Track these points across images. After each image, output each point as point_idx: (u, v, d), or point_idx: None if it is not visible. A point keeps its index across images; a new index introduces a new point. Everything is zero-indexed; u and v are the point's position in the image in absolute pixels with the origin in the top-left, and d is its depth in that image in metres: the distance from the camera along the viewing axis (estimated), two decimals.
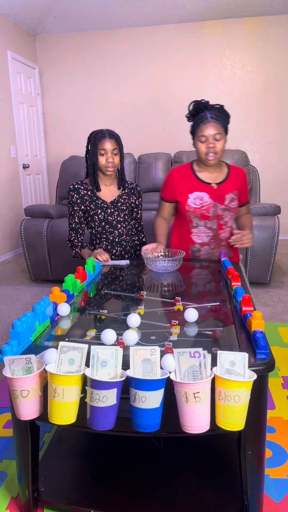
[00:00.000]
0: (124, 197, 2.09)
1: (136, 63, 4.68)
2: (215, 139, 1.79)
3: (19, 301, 3.03)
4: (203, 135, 1.81)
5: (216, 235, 1.93)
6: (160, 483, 1.19)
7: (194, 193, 1.91)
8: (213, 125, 1.79)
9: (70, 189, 2.06)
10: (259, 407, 0.96)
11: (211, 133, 1.79)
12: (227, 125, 1.84)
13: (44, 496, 1.15)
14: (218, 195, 1.89)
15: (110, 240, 2.06)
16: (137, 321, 1.14)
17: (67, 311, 1.23)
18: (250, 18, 4.36)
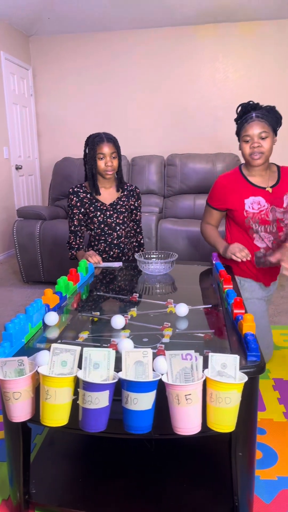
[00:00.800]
0: (123, 199, 2.10)
1: (129, 65, 4.69)
2: (260, 137, 1.71)
3: (11, 302, 3.02)
4: (247, 135, 1.72)
5: (277, 237, 1.86)
6: (151, 484, 1.19)
7: (249, 198, 1.83)
8: (257, 123, 1.70)
9: (69, 192, 2.07)
10: (250, 409, 0.97)
11: (256, 132, 1.70)
12: (277, 125, 1.76)
13: (36, 498, 1.15)
14: (275, 198, 1.81)
15: (109, 242, 2.08)
16: (122, 323, 1.15)
17: (55, 320, 1.19)
18: (243, 22, 4.39)
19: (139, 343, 1.06)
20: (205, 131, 4.62)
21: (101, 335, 1.13)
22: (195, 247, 3.14)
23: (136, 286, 1.64)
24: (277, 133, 1.80)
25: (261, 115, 1.70)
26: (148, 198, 3.85)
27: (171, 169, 3.85)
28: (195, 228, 3.16)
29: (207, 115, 4.62)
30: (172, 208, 3.76)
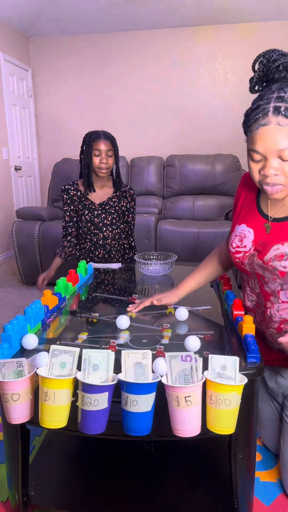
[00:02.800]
0: (115, 200, 2.08)
1: (128, 67, 4.69)
2: (280, 157, 0.97)
3: (10, 303, 3.02)
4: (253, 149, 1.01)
5: (262, 305, 1.22)
6: (151, 486, 1.19)
7: (241, 226, 1.23)
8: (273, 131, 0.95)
9: (61, 190, 2.08)
10: (250, 410, 0.97)
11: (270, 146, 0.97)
12: None
13: (34, 500, 1.15)
14: (265, 240, 1.15)
15: (94, 242, 2.07)
16: (127, 323, 1.15)
17: (34, 343, 1.04)
18: (242, 24, 4.39)
19: (139, 345, 1.06)
20: (205, 132, 4.62)
21: (100, 336, 1.12)
22: (194, 248, 3.14)
23: (135, 287, 1.64)
24: None
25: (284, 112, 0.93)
26: (147, 199, 3.85)
27: (170, 170, 3.85)
28: (194, 229, 3.16)
29: (207, 116, 4.62)
30: (171, 209, 3.76)
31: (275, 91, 0.96)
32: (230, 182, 3.71)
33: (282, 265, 1.10)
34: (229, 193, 3.73)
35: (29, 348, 1.03)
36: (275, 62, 0.99)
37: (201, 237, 3.12)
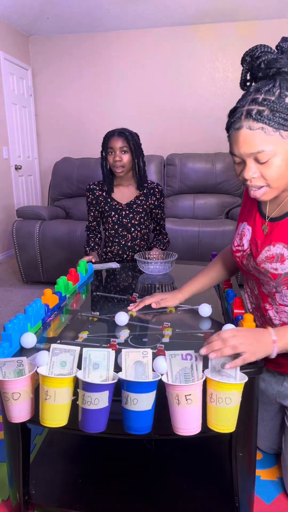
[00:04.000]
0: (142, 198, 2.01)
1: (128, 65, 4.69)
2: (257, 160, 0.95)
3: (10, 302, 3.02)
4: (233, 153, 0.99)
5: (260, 308, 1.20)
6: (151, 485, 1.19)
7: (243, 224, 1.22)
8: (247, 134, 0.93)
9: (86, 189, 2.02)
10: (250, 409, 0.97)
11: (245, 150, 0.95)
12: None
13: (35, 499, 1.15)
14: (259, 241, 1.14)
15: (122, 245, 2.01)
16: (125, 319, 1.15)
17: (33, 342, 1.04)
18: (242, 22, 4.38)
19: (139, 343, 1.06)
20: (205, 131, 4.62)
21: (100, 335, 1.12)
22: (194, 247, 3.14)
23: (136, 286, 1.64)
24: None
25: (254, 116, 0.90)
26: None
27: (170, 169, 3.84)
28: (194, 228, 3.16)
29: (207, 114, 4.62)
30: (172, 208, 3.76)
31: (252, 92, 0.94)
32: (230, 181, 3.70)
33: (273, 267, 1.07)
34: (229, 191, 3.72)
35: (28, 346, 1.03)
36: (258, 59, 0.96)
37: (202, 236, 3.12)
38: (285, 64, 0.92)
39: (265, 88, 0.91)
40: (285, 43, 0.96)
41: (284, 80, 0.91)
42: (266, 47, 0.95)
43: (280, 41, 0.97)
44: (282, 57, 0.94)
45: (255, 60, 0.96)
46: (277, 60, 0.93)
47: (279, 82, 0.91)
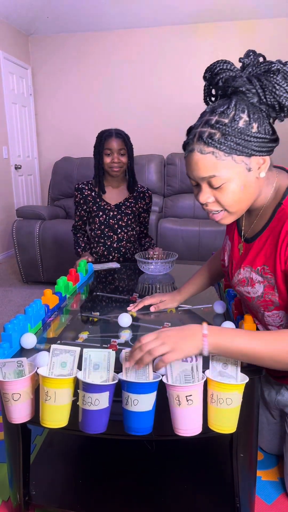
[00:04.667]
0: (131, 201, 2.01)
1: (128, 64, 4.68)
2: (208, 183, 0.91)
3: (10, 303, 3.01)
4: (188, 175, 0.96)
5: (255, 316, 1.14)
6: (152, 486, 1.19)
7: (226, 236, 1.20)
8: (196, 155, 0.89)
9: (75, 188, 2.02)
10: (251, 409, 0.97)
11: (195, 173, 0.92)
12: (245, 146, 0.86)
13: (36, 500, 1.14)
14: (236, 261, 1.10)
15: (108, 245, 2.01)
16: (129, 321, 1.15)
17: (33, 342, 1.04)
18: (242, 21, 4.38)
19: None
20: None
21: (101, 336, 1.12)
22: (195, 247, 3.14)
23: (136, 286, 1.63)
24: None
25: (205, 139, 0.86)
26: None
27: (171, 169, 3.84)
28: (195, 227, 3.16)
29: None
30: (172, 208, 3.76)
31: (207, 113, 0.90)
32: None
33: (246, 291, 1.06)
34: None
35: (28, 347, 1.03)
36: (217, 75, 0.90)
37: (202, 235, 3.12)
38: (243, 83, 0.86)
39: (220, 109, 0.87)
40: (247, 59, 0.89)
41: (240, 100, 0.86)
42: (227, 63, 0.89)
43: (244, 55, 0.90)
44: (241, 75, 0.88)
45: (214, 77, 0.91)
46: (235, 78, 0.87)
47: (235, 103, 0.85)
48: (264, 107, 0.86)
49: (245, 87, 0.85)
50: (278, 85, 0.84)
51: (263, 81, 0.84)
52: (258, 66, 0.87)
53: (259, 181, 0.92)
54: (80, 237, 2.09)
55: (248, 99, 0.86)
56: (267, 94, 0.85)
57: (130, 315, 1.17)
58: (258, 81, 0.85)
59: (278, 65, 0.84)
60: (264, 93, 0.85)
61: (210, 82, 0.93)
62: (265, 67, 0.86)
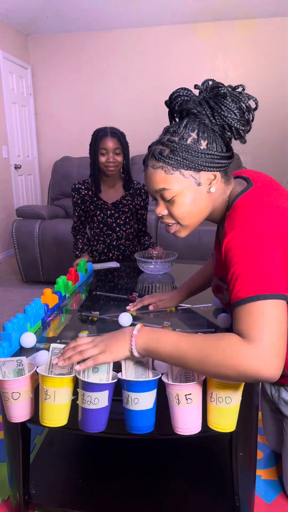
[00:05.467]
0: (128, 198, 2.02)
1: (128, 64, 4.68)
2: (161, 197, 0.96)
3: (10, 302, 3.02)
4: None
5: None
6: (152, 484, 1.19)
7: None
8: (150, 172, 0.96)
9: (72, 189, 2.02)
10: (251, 408, 0.97)
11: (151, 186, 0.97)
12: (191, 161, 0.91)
13: (35, 499, 1.15)
14: (214, 269, 1.15)
15: (107, 243, 2.02)
16: (129, 320, 1.15)
17: (32, 342, 1.04)
18: (242, 20, 4.38)
19: None
20: None
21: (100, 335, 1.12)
22: (195, 246, 3.13)
23: (136, 286, 1.64)
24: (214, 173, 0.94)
25: (156, 155, 0.94)
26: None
27: None
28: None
29: None
30: None
31: (162, 133, 0.97)
32: None
33: (219, 297, 1.12)
34: None
35: (27, 346, 1.03)
36: (174, 100, 0.96)
37: (202, 235, 3.12)
38: (194, 106, 0.91)
39: (172, 129, 0.93)
40: (203, 85, 0.95)
41: (192, 121, 0.92)
42: (184, 90, 0.96)
43: (201, 83, 0.96)
44: (194, 99, 0.94)
45: (172, 102, 0.97)
46: (188, 101, 0.93)
47: (186, 123, 0.91)
48: (217, 127, 0.91)
49: (196, 109, 0.91)
50: (225, 107, 0.89)
51: (211, 103, 0.90)
52: (211, 91, 0.93)
53: (211, 195, 0.95)
54: (80, 239, 2.10)
55: (200, 120, 0.92)
56: (215, 115, 0.90)
57: (130, 315, 1.17)
58: (207, 104, 0.91)
59: (226, 89, 0.91)
60: (213, 115, 0.91)
61: (169, 107, 0.99)
62: (215, 91, 0.92)
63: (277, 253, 0.80)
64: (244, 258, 0.80)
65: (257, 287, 0.77)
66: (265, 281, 0.77)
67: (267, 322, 0.74)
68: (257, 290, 0.76)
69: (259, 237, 0.81)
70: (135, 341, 0.81)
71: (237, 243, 0.82)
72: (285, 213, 0.86)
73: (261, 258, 0.79)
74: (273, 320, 0.74)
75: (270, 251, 0.80)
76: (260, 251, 0.79)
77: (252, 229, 0.82)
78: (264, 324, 0.74)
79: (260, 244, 0.80)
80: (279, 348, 0.73)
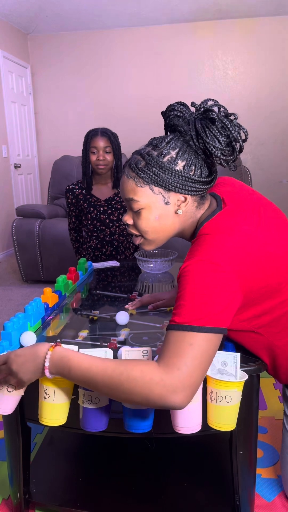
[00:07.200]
0: (120, 195, 2.05)
1: (127, 63, 4.67)
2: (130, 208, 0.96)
3: (10, 301, 3.02)
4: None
5: None
6: (152, 483, 1.19)
7: None
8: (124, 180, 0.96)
9: (66, 190, 2.07)
10: (251, 407, 0.97)
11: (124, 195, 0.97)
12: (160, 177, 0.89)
13: (36, 498, 1.15)
14: None
15: (101, 239, 2.05)
16: (126, 318, 1.15)
17: (32, 341, 1.04)
18: (242, 19, 4.37)
19: (139, 342, 1.06)
20: None
21: (101, 334, 1.12)
22: None
23: (136, 285, 1.64)
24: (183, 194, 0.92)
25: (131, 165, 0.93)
26: None
27: None
28: None
29: None
30: None
31: (147, 143, 0.95)
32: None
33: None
34: None
35: (27, 345, 1.03)
36: (169, 113, 0.93)
37: None
38: (182, 124, 0.89)
39: (155, 143, 0.92)
40: (200, 105, 0.91)
41: (177, 138, 0.90)
42: (181, 105, 0.92)
43: (201, 102, 0.92)
44: (186, 117, 0.91)
45: (167, 114, 0.95)
46: (178, 118, 0.91)
47: (170, 139, 0.90)
48: (200, 151, 0.89)
49: (183, 127, 0.89)
50: (209, 133, 0.86)
51: (198, 126, 0.87)
52: (204, 113, 0.89)
53: (179, 216, 0.93)
54: (79, 247, 2.14)
55: (184, 140, 0.89)
56: (199, 138, 0.87)
57: (127, 313, 1.17)
58: (194, 125, 0.88)
59: (217, 115, 0.86)
60: (197, 137, 0.88)
61: (164, 119, 0.96)
62: (205, 113, 0.88)
63: (230, 286, 0.79)
64: (192, 285, 0.78)
65: (194, 317, 0.76)
66: (206, 313, 0.76)
67: (192, 354, 0.73)
68: (193, 320, 0.75)
69: (213, 269, 0.79)
70: (48, 371, 0.80)
71: (190, 269, 0.81)
72: (250, 238, 0.84)
73: (208, 288, 0.77)
74: (199, 353, 0.74)
75: (221, 283, 0.78)
76: (209, 282, 0.78)
77: (208, 260, 0.80)
78: (188, 355, 0.73)
79: (211, 275, 0.78)
80: (194, 381, 0.73)
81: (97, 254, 2.06)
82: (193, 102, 0.93)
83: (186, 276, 0.80)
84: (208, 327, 0.75)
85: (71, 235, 2.14)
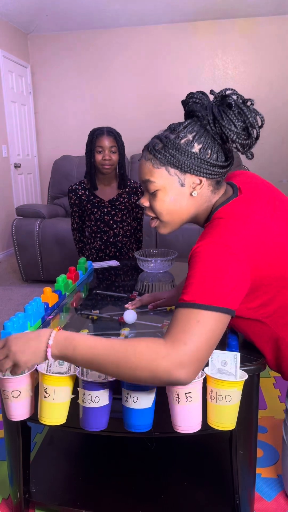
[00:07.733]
0: (124, 196, 2.03)
1: (128, 63, 4.67)
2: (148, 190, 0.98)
3: (10, 301, 3.02)
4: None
5: None
6: (152, 483, 1.19)
7: None
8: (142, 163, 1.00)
9: (68, 191, 2.04)
10: (251, 406, 0.97)
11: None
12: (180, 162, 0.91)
13: (36, 497, 1.15)
14: None
15: (104, 240, 2.03)
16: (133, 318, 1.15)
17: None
18: (242, 19, 4.37)
19: None
20: None
21: (100, 333, 1.12)
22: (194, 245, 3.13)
23: (136, 284, 1.64)
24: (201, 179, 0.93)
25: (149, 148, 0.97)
26: None
27: None
28: (194, 225, 3.15)
29: None
30: None
31: (166, 128, 0.98)
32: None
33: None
34: None
35: None
36: (189, 99, 0.97)
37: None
38: (200, 109, 0.92)
39: (173, 127, 0.95)
40: (219, 92, 0.93)
41: (194, 123, 0.92)
42: (200, 93, 0.96)
43: (221, 90, 0.93)
44: (204, 104, 0.94)
45: (186, 101, 0.98)
46: (197, 104, 0.94)
47: (187, 124, 0.92)
48: (217, 136, 0.90)
49: (201, 113, 0.91)
50: (226, 117, 0.87)
51: (215, 110, 0.89)
52: (222, 99, 0.91)
53: (194, 199, 0.95)
54: (83, 247, 2.12)
55: (201, 125, 0.92)
56: (215, 123, 0.89)
57: (135, 312, 1.17)
58: (212, 110, 0.90)
59: (233, 100, 0.88)
60: (213, 122, 0.89)
61: (183, 107, 1.00)
62: (223, 99, 0.90)
63: (240, 269, 0.80)
64: (202, 265, 0.80)
65: (203, 295, 0.76)
66: (214, 292, 0.77)
67: (199, 330, 0.74)
68: (202, 298, 0.76)
69: (225, 251, 0.80)
70: (51, 351, 0.79)
71: (202, 250, 0.82)
72: (263, 227, 0.85)
73: (218, 269, 0.78)
74: (205, 330, 0.74)
75: (232, 265, 0.79)
76: (220, 263, 0.79)
77: (221, 242, 0.82)
78: (195, 332, 0.74)
79: (223, 257, 0.80)
80: (200, 356, 0.73)
81: (100, 256, 2.04)
82: (212, 90, 0.96)
83: (197, 256, 0.82)
84: (216, 306, 0.76)
85: (74, 235, 2.13)
